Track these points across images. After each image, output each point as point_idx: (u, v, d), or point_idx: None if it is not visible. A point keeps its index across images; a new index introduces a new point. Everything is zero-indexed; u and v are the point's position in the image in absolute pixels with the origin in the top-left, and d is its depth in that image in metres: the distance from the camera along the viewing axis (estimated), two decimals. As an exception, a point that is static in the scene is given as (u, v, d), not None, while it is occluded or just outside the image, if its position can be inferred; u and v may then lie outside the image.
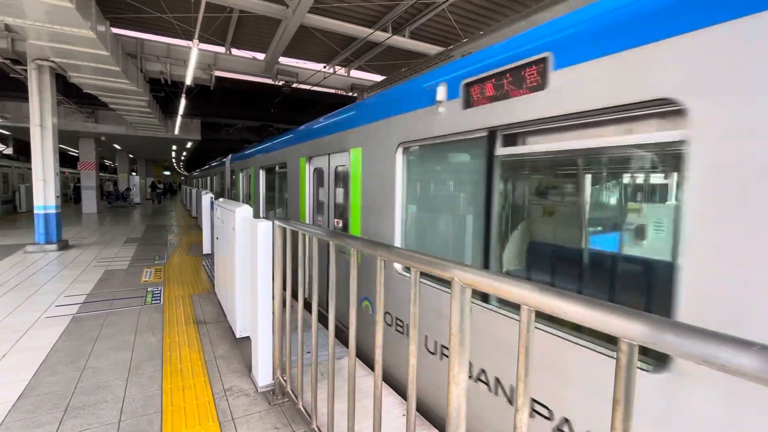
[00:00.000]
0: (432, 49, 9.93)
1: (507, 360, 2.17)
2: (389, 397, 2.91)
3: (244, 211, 3.73)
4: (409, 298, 1.48)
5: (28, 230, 11.83)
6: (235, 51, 11.31)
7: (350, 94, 13.27)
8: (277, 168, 7.12)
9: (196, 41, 7.04)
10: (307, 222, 5.43)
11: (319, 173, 5.21)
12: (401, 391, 3.06)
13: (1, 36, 8.53)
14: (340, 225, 4.62)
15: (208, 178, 19.14)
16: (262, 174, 8.29)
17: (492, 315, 2.27)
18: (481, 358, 2.31)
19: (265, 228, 2.93)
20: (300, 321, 2.44)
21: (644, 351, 1.61)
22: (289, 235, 2.64)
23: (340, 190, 4.66)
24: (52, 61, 8.32)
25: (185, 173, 54.44)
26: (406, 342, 3.09)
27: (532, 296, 0.98)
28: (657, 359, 1.59)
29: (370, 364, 3.44)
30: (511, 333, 2.14)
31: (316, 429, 2.31)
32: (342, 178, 4.57)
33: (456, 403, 1.24)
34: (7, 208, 18.09)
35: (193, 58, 7.75)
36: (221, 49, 11.09)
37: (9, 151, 24.78)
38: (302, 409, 2.53)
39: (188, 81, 9.33)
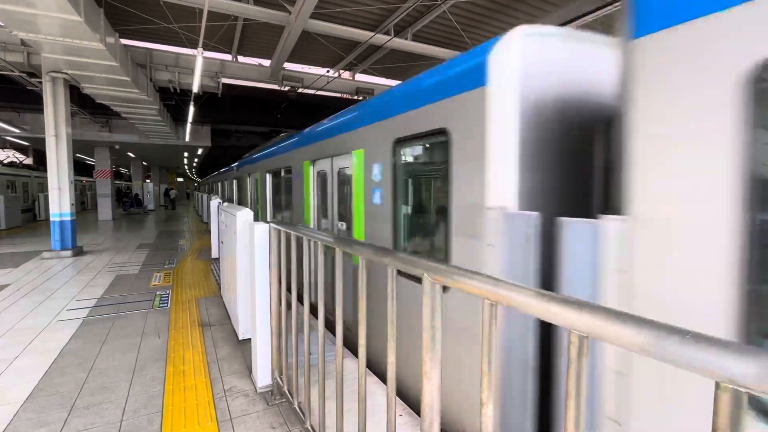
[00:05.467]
0: (435, 50, 9.94)
1: None
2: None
3: (245, 214, 3.80)
4: (392, 298, 1.49)
5: (46, 238, 12.21)
6: (241, 58, 11.50)
7: (356, 97, 13.35)
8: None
9: (200, 50, 7.21)
10: None
11: None
12: (403, 393, 3.05)
13: (17, 50, 8.86)
14: None
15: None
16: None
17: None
18: None
19: (262, 230, 2.97)
20: (295, 323, 2.47)
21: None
22: (294, 238, 2.51)
23: None
24: (66, 73, 8.60)
25: (198, 179, 55.21)
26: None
27: (491, 290, 0.99)
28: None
29: (376, 370, 3.45)
30: None
31: (309, 428, 2.34)
32: None
33: (429, 399, 1.25)
34: (28, 216, 18.65)
35: (199, 66, 7.93)
36: (228, 57, 11.29)
37: (29, 161, 25.67)
38: (297, 408, 2.56)
39: (195, 88, 9.55)
